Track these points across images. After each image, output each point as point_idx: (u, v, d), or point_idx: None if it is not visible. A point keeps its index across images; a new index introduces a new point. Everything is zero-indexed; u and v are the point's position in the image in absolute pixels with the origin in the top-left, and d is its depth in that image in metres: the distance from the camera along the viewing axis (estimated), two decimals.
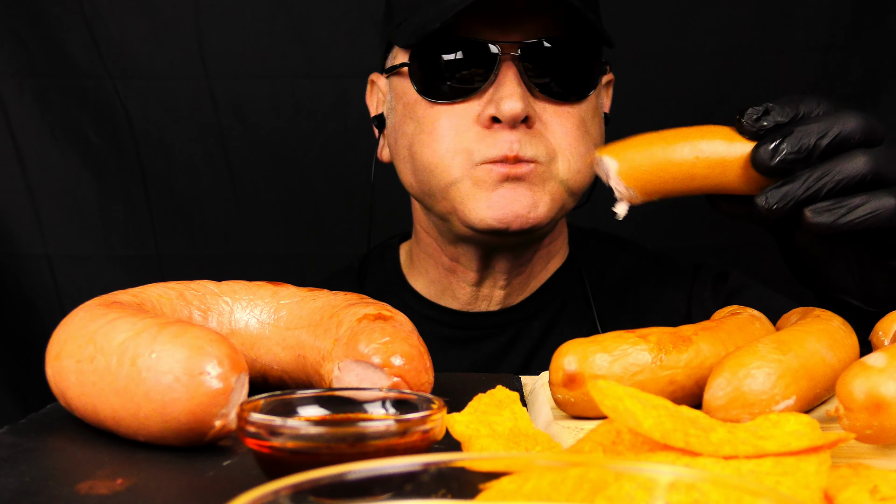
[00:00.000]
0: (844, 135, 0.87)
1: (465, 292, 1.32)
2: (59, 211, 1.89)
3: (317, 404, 0.68)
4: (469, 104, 1.18)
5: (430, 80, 1.19)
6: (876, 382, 0.65)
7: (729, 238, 1.89)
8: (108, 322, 0.75)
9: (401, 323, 0.82)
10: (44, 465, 0.70)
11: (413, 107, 1.21)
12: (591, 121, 1.22)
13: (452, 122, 1.18)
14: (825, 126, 0.87)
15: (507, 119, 1.14)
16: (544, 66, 1.18)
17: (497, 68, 1.16)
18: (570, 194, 1.21)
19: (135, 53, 1.86)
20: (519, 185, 1.17)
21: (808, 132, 0.86)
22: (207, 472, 0.68)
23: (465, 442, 0.65)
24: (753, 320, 0.87)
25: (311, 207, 1.92)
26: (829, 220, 0.86)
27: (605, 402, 0.57)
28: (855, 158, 0.87)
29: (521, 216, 1.17)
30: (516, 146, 1.15)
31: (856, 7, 1.84)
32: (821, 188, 0.86)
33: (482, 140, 1.17)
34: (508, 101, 1.14)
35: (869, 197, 0.87)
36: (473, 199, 1.17)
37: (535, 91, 1.17)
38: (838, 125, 0.87)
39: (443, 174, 1.19)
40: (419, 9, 1.19)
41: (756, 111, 0.88)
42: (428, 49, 1.19)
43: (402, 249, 1.42)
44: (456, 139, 1.18)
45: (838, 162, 0.87)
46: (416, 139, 1.20)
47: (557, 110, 1.19)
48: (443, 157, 1.18)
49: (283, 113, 1.89)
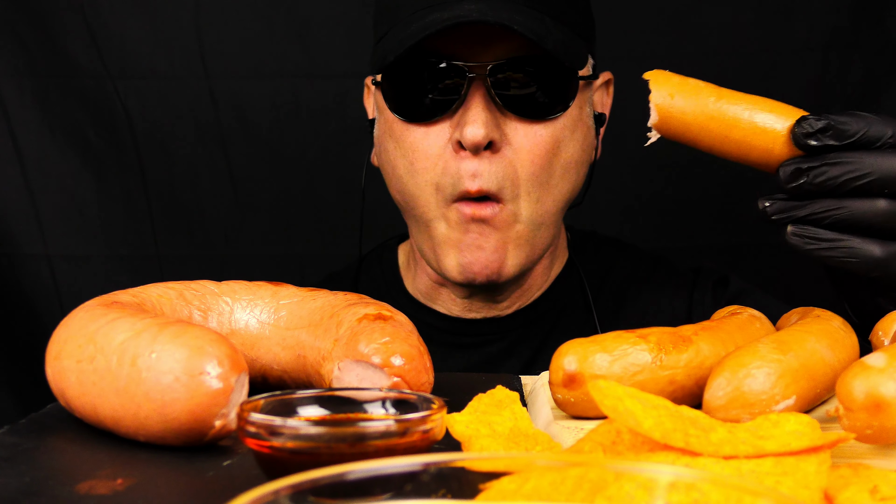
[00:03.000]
0: (888, 180, 0.86)
1: (457, 304, 1.32)
2: (59, 211, 1.89)
3: (317, 404, 0.68)
4: (442, 125, 1.17)
5: (402, 100, 1.19)
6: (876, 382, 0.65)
7: (729, 238, 1.89)
8: (108, 322, 0.75)
9: (401, 323, 0.82)
10: (44, 465, 0.70)
11: (391, 125, 1.21)
12: (568, 138, 1.20)
13: (428, 148, 1.17)
14: (880, 166, 0.86)
15: (469, 146, 1.14)
16: (514, 86, 1.16)
17: (466, 89, 1.15)
18: (537, 226, 1.20)
19: (135, 53, 1.86)
20: (485, 228, 1.16)
21: (859, 166, 0.86)
22: (207, 472, 0.68)
23: (465, 442, 0.65)
24: (753, 320, 0.87)
25: (311, 207, 1.91)
26: (801, 247, 0.88)
27: (605, 402, 0.57)
28: (874, 203, 0.87)
29: (488, 267, 1.18)
30: (479, 180, 1.14)
31: (856, 7, 1.84)
32: (823, 218, 0.87)
33: (451, 173, 1.16)
34: (470, 127, 1.13)
35: (859, 244, 0.87)
36: (447, 244, 1.18)
37: (504, 111, 1.16)
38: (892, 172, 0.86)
39: (423, 207, 1.19)
40: (393, 27, 1.18)
41: (811, 126, 0.87)
42: (398, 70, 1.18)
43: (401, 251, 1.42)
44: (431, 170, 1.17)
45: (856, 201, 0.87)
46: (398, 162, 1.20)
47: (528, 131, 1.17)
48: (423, 190, 1.18)
49: (283, 113, 1.89)
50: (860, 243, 0.88)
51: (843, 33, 1.85)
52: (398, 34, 1.16)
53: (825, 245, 0.87)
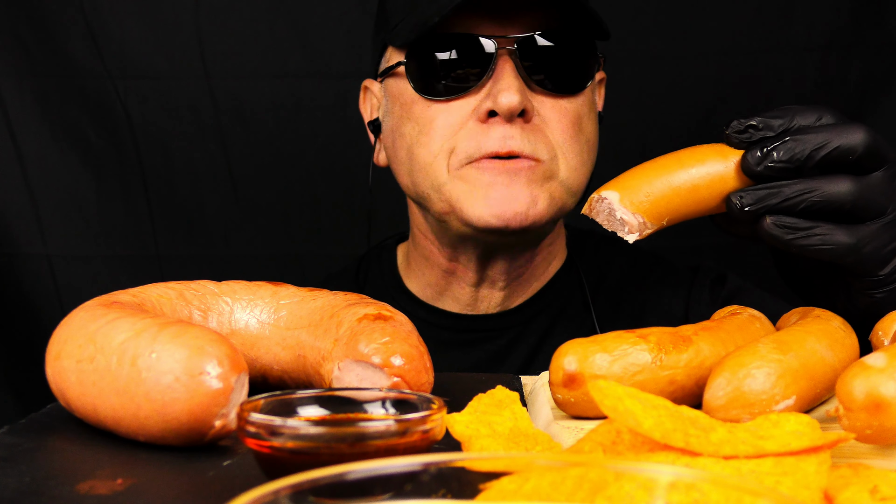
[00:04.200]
0: (843, 149, 0.87)
1: (465, 294, 1.31)
2: (59, 211, 1.89)
3: (317, 404, 0.68)
4: (466, 100, 1.18)
5: (428, 77, 1.19)
6: (876, 382, 0.65)
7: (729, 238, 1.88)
8: (108, 322, 0.75)
9: (401, 323, 0.82)
10: (44, 465, 0.70)
11: (410, 107, 1.21)
12: (586, 117, 1.22)
13: (449, 120, 1.18)
14: (824, 138, 0.87)
15: (504, 112, 1.14)
16: (541, 60, 1.17)
17: (494, 63, 1.16)
18: (571, 194, 1.21)
19: (135, 53, 1.86)
20: (515, 181, 1.16)
21: (802, 141, 0.86)
22: (207, 472, 0.68)
23: (465, 442, 0.65)
24: (753, 320, 0.87)
25: (311, 207, 1.92)
26: (781, 237, 0.87)
27: (605, 402, 0.57)
28: (840, 183, 0.87)
29: (520, 213, 1.16)
30: (511, 142, 1.15)
31: (856, 7, 1.84)
32: (796, 204, 0.87)
33: (473, 137, 1.16)
34: (506, 93, 1.14)
35: (830, 230, 0.88)
36: (470, 196, 1.17)
37: (532, 84, 1.17)
38: (839, 139, 0.87)
39: (435, 173, 1.19)
40: (415, 9, 1.19)
41: (740, 123, 0.88)
42: (424, 47, 1.19)
43: (399, 251, 1.42)
44: (451, 137, 1.18)
45: (823, 182, 0.87)
46: (416, 140, 1.20)
47: (554, 105, 1.19)
48: (436, 156, 1.18)
49: (283, 113, 1.89)
50: (832, 229, 0.88)
51: (843, 33, 1.85)
52: (427, 9, 1.16)
53: (802, 234, 0.87)
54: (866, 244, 0.89)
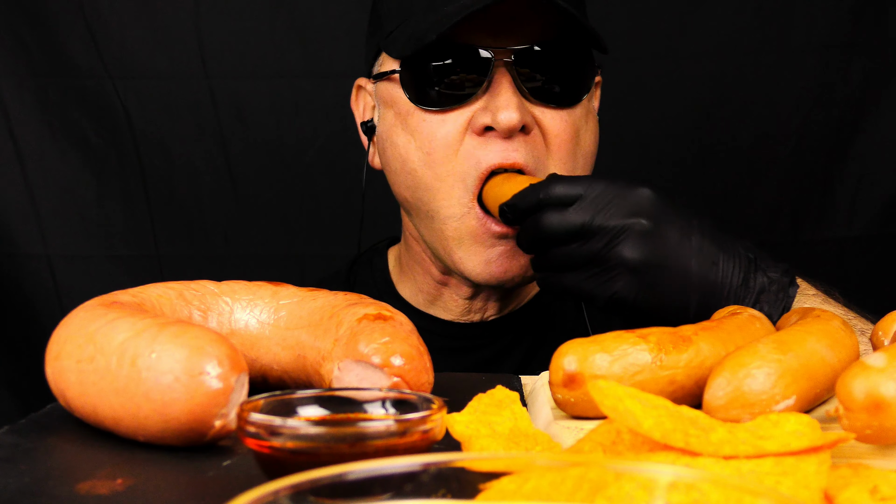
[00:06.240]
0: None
1: (458, 305, 1.31)
2: (59, 211, 1.89)
3: (317, 404, 0.68)
4: (462, 111, 1.17)
5: (423, 88, 1.18)
6: (876, 382, 0.65)
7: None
8: (108, 322, 0.75)
9: (401, 323, 0.82)
10: (44, 465, 0.70)
11: (405, 116, 1.20)
12: (584, 127, 1.21)
13: (445, 135, 1.17)
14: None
15: (504, 130, 1.14)
16: (538, 71, 1.17)
17: (491, 74, 1.15)
18: None
19: (135, 53, 1.86)
20: (511, 241, 1.16)
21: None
22: (207, 472, 0.68)
23: (465, 442, 0.65)
24: (753, 320, 0.87)
25: (311, 207, 1.91)
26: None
27: (605, 402, 0.57)
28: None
29: (518, 275, 1.19)
30: (514, 154, 1.15)
31: (856, 7, 1.84)
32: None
33: (472, 154, 1.16)
34: (505, 111, 1.13)
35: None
36: (471, 253, 1.18)
37: (528, 96, 1.17)
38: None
39: (443, 203, 1.18)
40: (411, 17, 1.18)
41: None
42: (420, 57, 1.18)
43: (391, 254, 1.40)
44: (453, 158, 1.17)
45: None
46: (413, 154, 1.19)
47: (553, 115, 1.18)
48: (444, 182, 1.17)
49: (283, 113, 1.89)
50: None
51: (843, 33, 1.85)
52: (424, 19, 1.15)
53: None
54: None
